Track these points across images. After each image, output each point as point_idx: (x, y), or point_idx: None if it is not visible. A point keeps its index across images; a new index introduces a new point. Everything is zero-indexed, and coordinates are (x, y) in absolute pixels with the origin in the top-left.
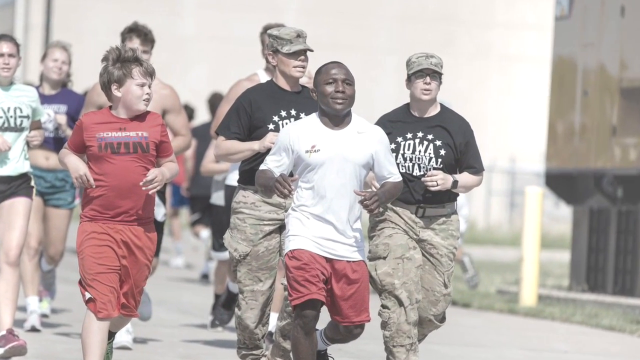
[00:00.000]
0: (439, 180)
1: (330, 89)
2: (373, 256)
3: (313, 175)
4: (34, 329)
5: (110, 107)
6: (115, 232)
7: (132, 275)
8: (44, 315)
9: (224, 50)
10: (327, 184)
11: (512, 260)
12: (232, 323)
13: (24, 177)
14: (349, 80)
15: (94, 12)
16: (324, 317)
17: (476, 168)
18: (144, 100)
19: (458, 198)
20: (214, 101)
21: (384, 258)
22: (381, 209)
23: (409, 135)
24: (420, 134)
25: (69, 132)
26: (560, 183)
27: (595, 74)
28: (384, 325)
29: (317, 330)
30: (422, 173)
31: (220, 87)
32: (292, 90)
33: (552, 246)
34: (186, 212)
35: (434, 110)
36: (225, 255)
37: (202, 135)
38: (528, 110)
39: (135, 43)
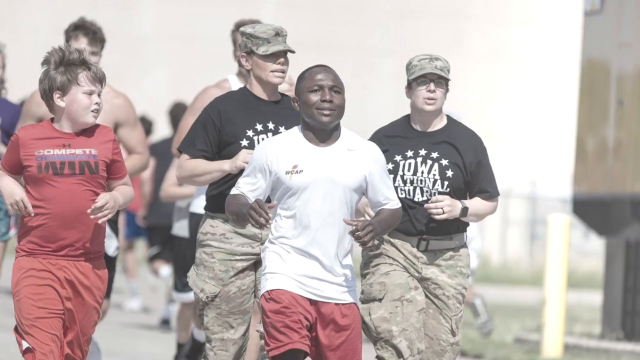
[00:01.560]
0: (445, 207)
1: (315, 97)
2: (367, 298)
3: (295, 201)
4: None
5: (52, 119)
6: (58, 269)
7: (78, 320)
8: None
9: (188, 51)
10: (312, 212)
11: (532, 303)
12: None
13: None
14: (337, 88)
15: (33, 5)
16: None
17: (490, 192)
18: (92, 111)
19: (468, 228)
20: (177, 112)
21: (380, 300)
22: (376, 242)
23: (410, 153)
24: (422, 152)
25: (2, 149)
26: (590, 210)
27: (632, 80)
28: None
29: None
30: (425, 198)
31: (184, 96)
32: (269, 99)
33: (580, 286)
34: (143, 245)
35: (439, 123)
36: (189, 296)
37: (162, 153)
38: (551, 123)
39: (82, 43)
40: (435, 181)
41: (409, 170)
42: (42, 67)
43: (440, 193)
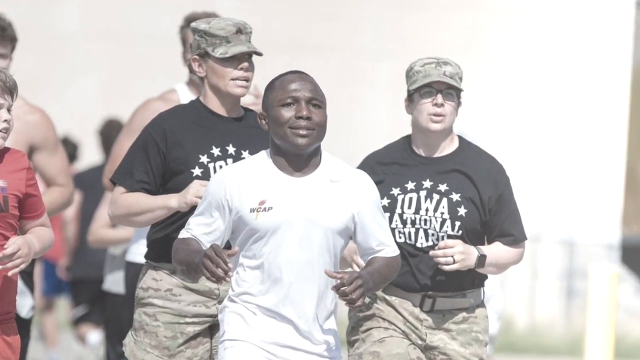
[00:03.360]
0: (456, 254)
1: (288, 113)
2: None
3: (262, 246)
4: None
5: None
6: None
7: None
8: None
9: (124, 53)
10: (284, 261)
11: None
12: None
13: None
14: (317, 100)
15: None
16: None
17: (514, 236)
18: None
19: (486, 283)
20: (109, 132)
21: None
22: (367, 300)
23: (411, 186)
24: (427, 184)
25: None
26: None
27: None
28: None
29: None
30: (430, 243)
31: (119, 111)
32: (229, 115)
33: (630, 356)
34: (66, 304)
35: (448, 147)
36: None
37: (90, 185)
38: (594, 145)
39: None
40: (443, 221)
41: (409, 208)
42: None
43: (450, 237)
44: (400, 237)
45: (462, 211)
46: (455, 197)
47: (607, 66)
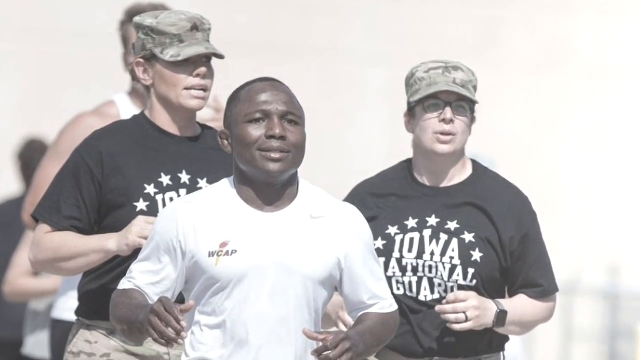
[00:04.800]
0: (469, 310)
1: (257, 132)
2: None
3: (224, 300)
4: None
5: None
6: None
7: None
8: None
9: (49, 56)
10: (252, 319)
11: None
12: None
13: None
14: (293, 115)
15: None
16: None
17: (543, 287)
18: None
19: (508, 346)
20: (30, 155)
21: None
22: None
23: (412, 223)
24: (433, 221)
25: None
26: None
27: None
28: None
29: None
30: (437, 296)
31: (42, 128)
32: (182, 133)
33: None
34: None
35: (460, 174)
36: None
37: (6, 223)
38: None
39: None
40: (453, 268)
41: (410, 251)
42: None
43: (461, 288)
44: (398, 289)
45: (476, 255)
46: (468, 237)
47: None
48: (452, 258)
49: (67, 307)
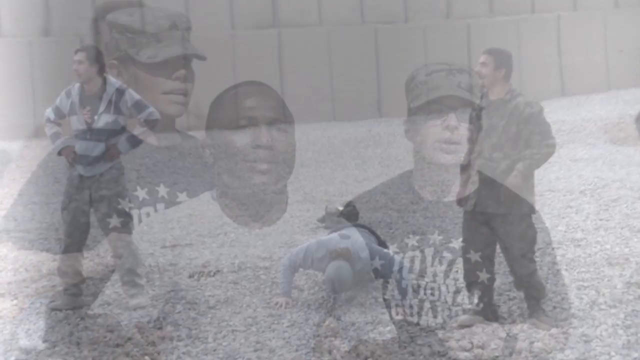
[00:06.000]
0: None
1: (242, 140)
2: None
3: None
4: None
5: None
6: None
7: None
8: None
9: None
10: None
11: None
12: None
13: None
14: (281, 122)
15: None
16: None
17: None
18: None
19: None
20: None
21: None
22: None
23: (413, 241)
24: (435, 238)
25: None
26: None
27: None
28: None
29: None
30: (440, 321)
31: None
32: (158, 142)
33: None
34: None
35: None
36: None
37: None
38: None
39: None
40: (457, 291)
41: (410, 272)
42: None
43: (467, 313)
44: (397, 313)
45: (483, 277)
46: (475, 257)
47: None
48: (456, 280)
49: None
